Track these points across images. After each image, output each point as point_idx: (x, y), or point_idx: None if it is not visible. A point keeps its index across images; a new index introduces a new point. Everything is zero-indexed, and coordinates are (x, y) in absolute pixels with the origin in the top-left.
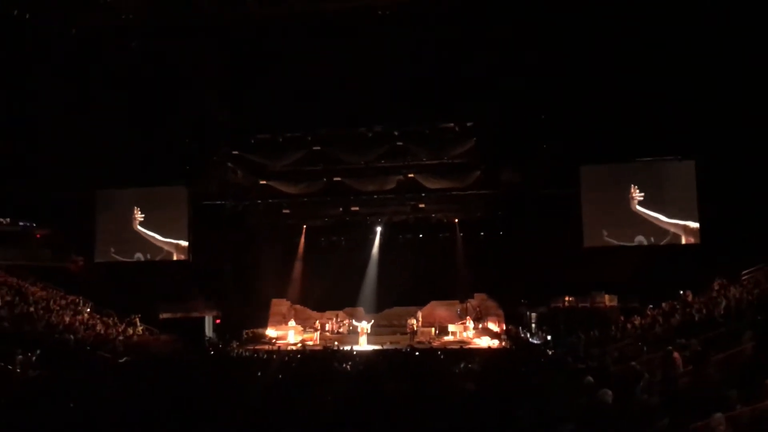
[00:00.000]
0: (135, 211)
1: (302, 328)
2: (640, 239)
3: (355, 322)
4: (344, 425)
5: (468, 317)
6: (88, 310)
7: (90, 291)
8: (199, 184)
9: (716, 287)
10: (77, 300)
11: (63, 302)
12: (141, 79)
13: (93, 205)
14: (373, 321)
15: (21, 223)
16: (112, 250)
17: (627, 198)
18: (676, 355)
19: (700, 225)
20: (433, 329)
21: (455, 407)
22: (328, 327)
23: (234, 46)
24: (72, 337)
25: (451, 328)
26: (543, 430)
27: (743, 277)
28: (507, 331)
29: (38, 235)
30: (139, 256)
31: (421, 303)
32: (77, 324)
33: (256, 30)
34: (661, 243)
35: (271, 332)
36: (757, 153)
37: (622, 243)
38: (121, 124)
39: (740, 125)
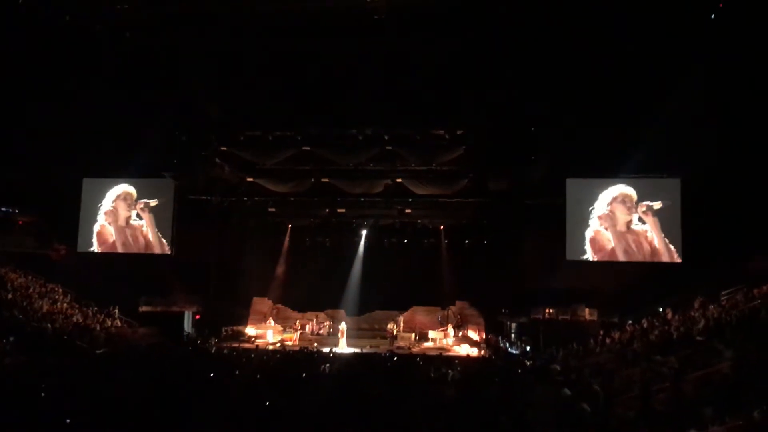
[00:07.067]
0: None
1: (282, 328)
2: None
3: (335, 324)
4: (321, 427)
5: (449, 324)
6: (68, 299)
7: (71, 280)
8: (186, 178)
9: (695, 306)
10: (57, 289)
11: (43, 290)
12: (133, 70)
13: (78, 193)
14: (353, 324)
15: (3, 209)
16: (96, 239)
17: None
18: None
19: (683, 243)
20: (413, 335)
21: (435, 412)
22: (308, 328)
23: (227, 41)
24: (50, 325)
25: (431, 334)
26: None
27: (722, 297)
28: (487, 340)
29: (20, 222)
30: (121, 247)
31: (402, 308)
32: (56, 313)
33: (249, 25)
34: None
35: (250, 330)
36: (741, 174)
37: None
38: (112, 114)
39: (725, 146)
